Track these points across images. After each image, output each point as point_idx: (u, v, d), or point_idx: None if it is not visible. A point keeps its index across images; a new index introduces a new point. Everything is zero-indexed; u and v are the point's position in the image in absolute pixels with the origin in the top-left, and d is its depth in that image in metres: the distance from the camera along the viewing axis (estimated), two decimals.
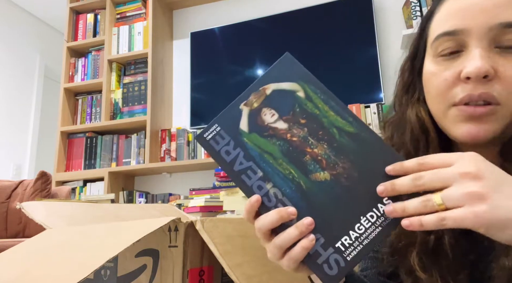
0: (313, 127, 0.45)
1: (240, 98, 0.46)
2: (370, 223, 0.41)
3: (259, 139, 0.45)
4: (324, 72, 2.47)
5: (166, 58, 2.83)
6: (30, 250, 0.53)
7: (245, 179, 0.44)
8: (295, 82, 0.46)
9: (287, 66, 0.47)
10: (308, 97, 0.46)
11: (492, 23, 0.47)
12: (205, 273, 0.51)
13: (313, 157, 0.44)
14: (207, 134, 0.46)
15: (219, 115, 0.46)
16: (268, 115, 0.45)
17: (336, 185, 0.43)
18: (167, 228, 0.50)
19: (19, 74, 3.45)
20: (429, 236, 0.52)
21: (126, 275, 0.51)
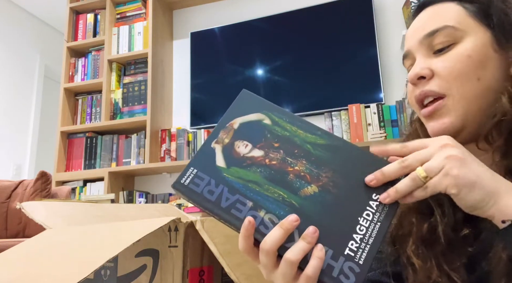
0: (288, 147, 0.46)
1: (210, 138, 0.47)
2: (369, 221, 0.43)
3: (240, 171, 0.45)
4: (324, 72, 2.47)
5: (166, 58, 2.83)
6: (30, 250, 0.53)
7: (235, 212, 0.43)
8: (259, 112, 0.48)
9: (247, 101, 0.49)
10: (274, 123, 0.48)
11: (420, 37, 0.56)
12: (205, 273, 0.51)
13: (296, 174, 0.45)
14: (184, 180, 0.44)
15: (193, 159, 0.46)
16: (241, 147, 0.46)
17: (326, 195, 0.44)
18: (167, 228, 0.50)
19: (19, 74, 3.45)
20: (424, 225, 0.54)
21: (126, 275, 0.51)
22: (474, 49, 0.52)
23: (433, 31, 0.54)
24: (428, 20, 0.56)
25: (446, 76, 0.53)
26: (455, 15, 0.55)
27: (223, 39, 2.75)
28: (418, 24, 0.58)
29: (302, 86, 2.50)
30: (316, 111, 2.43)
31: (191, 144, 2.56)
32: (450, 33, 0.53)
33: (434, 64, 0.54)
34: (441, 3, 0.57)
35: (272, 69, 2.58)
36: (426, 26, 0.56)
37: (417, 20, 0.59)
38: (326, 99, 2.42)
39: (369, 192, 0.44)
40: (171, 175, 2.68)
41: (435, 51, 0.55)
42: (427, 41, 0.55)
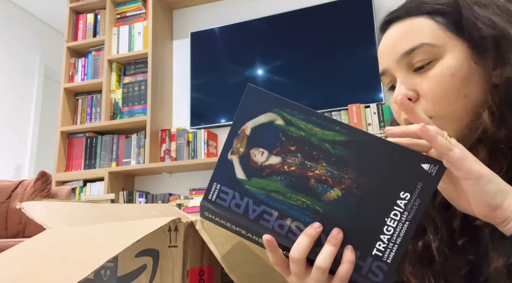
0: (305, 150, 0.44)
1: (225, 149, 0.45)
2: (396, 221, 0.41)
3: (261, 182, 0.44)
4: (324, 72, 2.47)
5: (166, 58, 2.83)
6: (30, 250, 0.53)
7: (264, 223, 0.43)
8: (269, 111, 0.45)
9: (254, 99, 0.45)
10: (288, 122, 0.44)
11: (397, 56, 0.54)
12: (205, 273, 0.51)
13: (317, 179, 0.43)
14: (211, 196, 0.45)
15: (213, 173, 0.45)
16: (258, 155, 0.44)
17: (350, 198, 0.42)
18: (167, 228, 0.50)
19: (19, 74, 3.45)
20: (418, 243, 0.54)
21: (126, 275, 0.51)
22: (456, 66, 0.51)
23: (410, 50, 0.53)
24: (401, 37, 0.54)
25: (433, 98, 0.51)
26: (429, 30, 0.53)
27: (223, 39, 2.75)
28: (390, 42, 0.56)
29: (302, 86, 2.50)
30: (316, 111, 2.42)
31: (191, 144, 2.56)
32: (428, 51, 0.52)
33: (418, 85, 0.53)
34: (410, 18, 0.55)
35: (272, 69, 2.58)
36: (401, 44, 0.54)
37: (388, 36, 0.57)
38: (326, 99, 2.42)
39: (396, 190, 0.42)
40: (171, 175, 2.68)
41: (415, 68, 0.53)
42: (405, 60, 0.54)
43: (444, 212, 0.54)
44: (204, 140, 2.53)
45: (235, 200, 0.44)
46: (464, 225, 0.52)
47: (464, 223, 0.52)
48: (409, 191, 0.41)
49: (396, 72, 0.55)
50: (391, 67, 0.56)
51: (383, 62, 0.58)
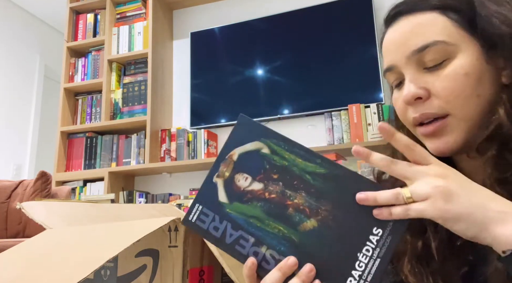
0: (287, 179, 0.45)
1: (212, 172, 0.47)
2: (368, 257, 0.42)
3: (241, 207, 0.45)
4: (324, 72, 2.47)
5: (166, 58, 2.83)
6: (30, 250, 0.53)
7: (239, 249, 0.44)
8: (257, 140, 0.47)
9: (245, 127, 0.48)
10: (273, 151, 0.46)
11: (407, 53, 0.52)
12: (205, 273, 0.51)
13: (295, 208, 0.44)
14: (191, 216, 0.46)
15: (197, 194, 0.46)
16: (241, 180, 0.46)
17: (325, 230, 0.43)
18: (167, 228, 0.50)
19: (19, 74, 3.45)
20: (418, 243, 0.54)
21: (126, 275, 0.51)
22: (470, 66, 0.50)
23: (423, 47, 0.51)
24: (412, 32, 0.52)
25: (446, 96, 0.50)
26: (442, 27, 0.51)
27: (223, 39, 2.75)
28: (400, 36, 0.54)
29: (302, 86, 2.50)
30: (316, 111, 2.43)
31: (191, 143, 2.56)
32: (442, 49, 0.50)
33: (430, 83, 0.51)
34: (421, 13, 0.53)
35: (272, 69, 2.58)
36: (412, 40, 0.52)
37: (397, 30, 0.54)
38: (326, 99, 2.42)
39: (369, 225, 0.42)
40: (171, 175, 2.68)
41: (426, 67, 0.52)
42: (416, 57, 0.52)
43: None
44: (204, 140, 2.53)
45: (214, 222, 0.45)
46: None
47: None
48: (381, 227, 0.42)
49: (404, 69, 0.53)
50: (399, 64, 0.54)
51: (391, 57, 0.55)
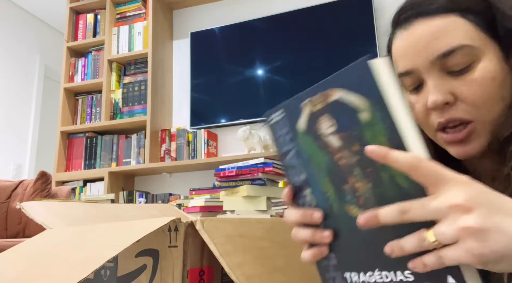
0: (364, 160, 0.37)
1: (307, 93, 0.41)
2: (382, 280, 0.39)
3: (311, 145, 0.42)
4: (324, 72, 2.46)
5: (166, 58, 2.83)
6: (30, 250, 0.53)
7: (291, 174, 0.44)
8: (364, 98, 0.37)
9: (361, 74, 0.38)
10: (370, 123, 0.37)
11: (431, 58, 0.51)
12: (205, 273, 0.51)
13: (352, 189, 0.39)
14: (272, 117, 0.45)
15: (288, 101, 0.43)
16: (324, 125, 0.40)
17: (361, 230, 0.38)
18: (167, 228, 0.50)
19: (19, 74, 3.45)
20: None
21: (126, 275, 0.51)
22: (496, 69, 0.49)
23: (448, 51, 0.49)
24: (435, 36, 0.50)
25: (474, 101, 0.49)
26: (465, 31, 0.50)
27: (223, 39, 2.75)
28: (421, 40, 0.52)
29: (302, 86, 2.49)
30: None
31: (191, 143, 2.56)
32: (467, 53, 0.49)
33: (457, 88, 0.50)
34: (439, 16, 0.51)
35: (272, 69, 2.58)
36: (435, 44, 0.50)
37: (414, 34, 0.52)
38: None
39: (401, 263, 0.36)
40: (171, 175, 2.68)
41: (452, 72, 0.50)
42: (439, 62, 0.50)
43: None
44: (204, 140, 2.53)
45: (285, 137, 0.44)
46: None
47: None
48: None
49: (427, 73, 0.52)
50: (421, 68, 0.52)
51: (409, 62, 0.53)
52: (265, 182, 1.59)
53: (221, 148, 2.65)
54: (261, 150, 2.31)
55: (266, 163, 1.58)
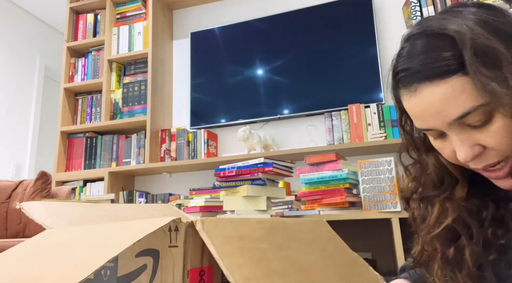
0: None
1: None
2: None
3: None
4: (324, 72, 2.47)
5: (166, 58, 2.83)
6: (30, 250, 0.53)
7: None
8: None
9: None
10: None
11: (448, 121, 0.51)
12: (205, 273, 0.51)
13: None
14: None
15: None
16: None
17: None
18: (167, 228, 0.50)
19: (19, 74, 3.45)
20: (450, 249, 0.55)
21: (126, 275, 0.51)
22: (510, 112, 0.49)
23: (463, 114, 0.49)
24: (446, 102, 0.50)
25: (501, 149, 0.50)
26: (472, 90, 0.48)
27: (223, 39, 2.75)
28: (433, 106, 0.51)
29: (302, 86, 2.50)
30: (316, 111, 2.43)
31: (191, 144, 2.56)
32: (483, 111, 0.49)
33: (482, 140, 0.51)
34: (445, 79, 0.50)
35: (272, 69, 2.59)
36: (449, 109, 0.50)
37: (423, 102, 0.52)
38: (326, 99, 2.42)
39: None
40: (171, 175, 2.68)
41: (471, 125, 0.51)
42: (457, 122, 0.51)
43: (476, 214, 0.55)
44: (204, 140, 2.53)
45: None
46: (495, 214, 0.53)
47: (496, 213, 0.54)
48: None
49: (448, 131, 0.52)
50: (440, 128, 0.53)
51: (427, 123, 0.53)
52: (265, 182, 1.59)
53: (221, 148, 2.65)
54: (261, 150, 2.31)
55: (266, 163, 1.58)
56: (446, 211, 0.57)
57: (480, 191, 0.58)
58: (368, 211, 1.66)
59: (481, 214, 0.55)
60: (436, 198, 0.60)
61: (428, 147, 0.60)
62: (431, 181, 0.61)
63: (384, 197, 1.64)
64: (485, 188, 0.57)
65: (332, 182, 1.72)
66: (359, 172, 1.69)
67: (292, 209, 1.86)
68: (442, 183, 0.60)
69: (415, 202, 0.64)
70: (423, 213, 0.61)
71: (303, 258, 0.55)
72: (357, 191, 1.80)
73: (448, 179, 0.60)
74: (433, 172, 0.61)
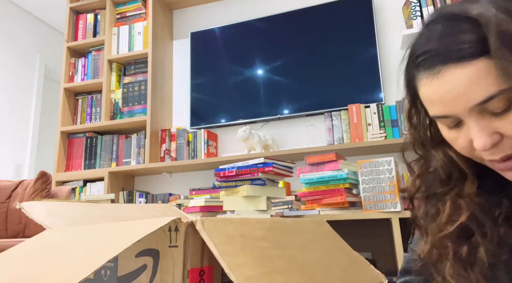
0: None
1: None
2: None
3: None
4: (324, 72, 2.47)
5: (166, 58, 2.83)
6: (30, 250, 0.53)
7: None
8: None
9: None
10: None
11: (470, 105, 0.49)
12: (206, 273, 0.51)
13: None
14: None
15: None
16: None
17: None
18: (167, 228, 0.50)
19: (19, 74, 3.45)
20: (463, 247, 0.54)
21: (126, 275, 0.51)
22: None
23: (487, 99, 0.48)
24: (468, 86, 0.49)
25: None
26: (498, 74, 0.48)
27: (223, 39, 2.75)
28: (452, 90, 0.50)
29: (302, 86, 2.50)
30: (316, 111, 2.43)
31: (191, 143, 2.56)
32: (506, 97, 0.48)
33: (501, 128, 0.50)
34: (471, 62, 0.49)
35: (272, 69, 2.59)
36: (472, 92, 0.49)
37: (445, 84, 0.51)
38: (326, 99, 2.42)
39: None
40: (171, 175, 2.68)
41: (492, 113, 0.50)
42: (479, 108, 0.49)
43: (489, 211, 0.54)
44: (204, 140, 2.53)
45: None
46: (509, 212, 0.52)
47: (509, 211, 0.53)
48: None
49: (466, 118, 0.51)
50: (459, 114, 0.51)
51: (446, 108, 0.52)
52: (265, 182, 1.58)
53: (221, 148, 2.65)
54: (261, 150, 2.31)
55: (266, 163, 1.58)
56: (459, 208, 0.56)
57: (490, 188, 0.57)
58: (368, 211, 1.66)
59: (494, 211, 0.54)
60: (446, 195, 0.58)
61: (436, 141, 0.59)
62: (438, 177, 0.60)
63: (384, 197, 1.64)
64: (495, 184, 0.56)
65: (332, 182, 1.72)
66: (359, 172, 1.69)
67: (292, 209, 1.86)
68: (451, 179, 0.59)
69: (420, 200, 0.62)
70: (432, 211, 0.60)
71: (304, 256, 0.55)
72: (357, 191, 1.80)
73: (456, 174, 0.58)
74: (440, 168, 0.59)
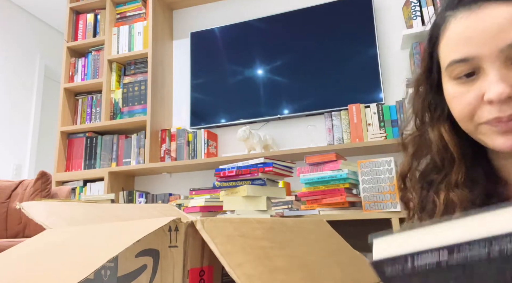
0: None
1: None
2: None
3: None
4: (324, 72, 2.47)
5: (166, 58, 2.83)
6: (30, 250, 0.53)
7: None
8: None
9: None
10: None
11: (501, 45, 0.47)
12: (205, 273, 0.51)
13: None
14: None
15: None
16: None
17: None
18: (167, 228, 0.50)
19: (19, 74, 3.45)
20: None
21: (126, 275, 0.51)
22: None
23: None
24: (508, 23, 0.46)
25: None
26: None
27: (223, 39, 2.75)
28: (491, 26, 0.48)
29: (302, 86, 2.50)
30: (316, 111, 2.43)
31: (191, 144, 2.56)
32: None
33: None
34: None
35: (272, 69, 2.59)
36: (508, 31, 0.46)
37: (485, 19, 0.48)
38: (326, 99, 2.42)
39: None
40: (171, 175, 2.68)
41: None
42: (508, 52, 0.47)
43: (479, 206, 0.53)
44: (204, 140, 2.53)
45: None
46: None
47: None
48: None
49: (490, 62, 0.48)
50: (484, 55, 0.48)
51: (475, 47, 0.49)
52: (265, 182, 1.58)
53: (221, 148, 2.65)
54: (261, 150, 2.31)
55: (266, 163, 1.58)
56: (452, 204, 0.55)
57: (477, 177, 0.56)
58: (368, 211, 1.66)
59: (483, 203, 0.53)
60: (439, 184, 0.57)
61: (435, 116, 0.58)
62: (432, 161, 0.59)
63: (384, 197, 1.64)
64: (481, 173, 0.55)
65: (332, 182, 1.72)
66: (359, 172, 1.69)
67: (292, 209, 1.86)
68: (443, 165, 0.58)
69: (413, 183, 0.61)
70: (424, 200, 0.59)
71: (305, 256, 0.55)
72: (357, 191, 1.80)
73: (447, 161, 0.57)
74: (435, 152, 0.58)
